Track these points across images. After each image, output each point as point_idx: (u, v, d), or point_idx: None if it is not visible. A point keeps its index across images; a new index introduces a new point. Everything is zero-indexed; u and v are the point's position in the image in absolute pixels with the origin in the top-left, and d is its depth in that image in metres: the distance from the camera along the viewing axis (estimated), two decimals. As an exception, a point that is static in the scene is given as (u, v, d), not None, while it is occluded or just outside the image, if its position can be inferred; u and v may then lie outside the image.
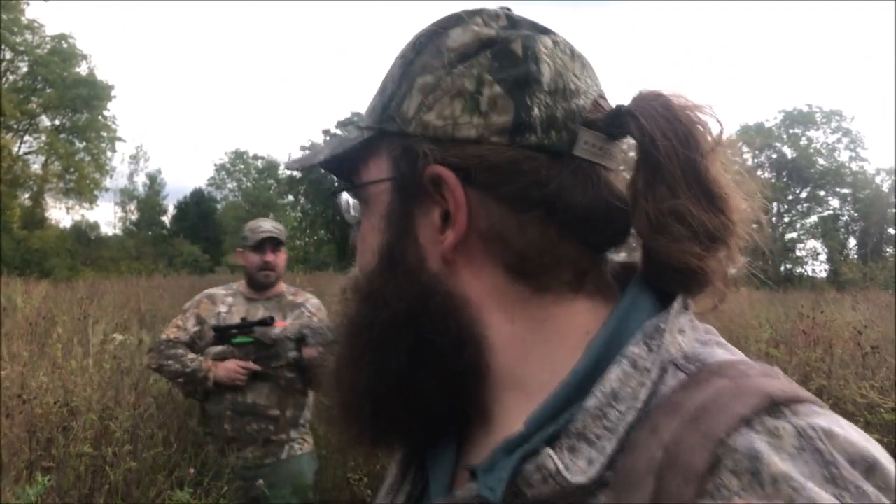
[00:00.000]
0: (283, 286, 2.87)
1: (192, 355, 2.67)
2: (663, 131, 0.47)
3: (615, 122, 0.50)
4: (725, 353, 0.48)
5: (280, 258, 2.81)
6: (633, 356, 0.46)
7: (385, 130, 0.52)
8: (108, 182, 39.07)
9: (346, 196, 0.60)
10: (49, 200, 37.19)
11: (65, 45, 36.37)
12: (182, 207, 44.45)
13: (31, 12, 35.28)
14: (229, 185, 51.92)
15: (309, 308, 2.81)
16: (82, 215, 38.94)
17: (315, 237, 46.04)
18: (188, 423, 3.22)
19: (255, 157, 52.35)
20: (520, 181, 0.49)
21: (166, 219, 45.00)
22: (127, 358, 3.96)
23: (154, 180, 44.59)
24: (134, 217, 43.78)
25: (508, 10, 0.54)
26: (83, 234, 37.66)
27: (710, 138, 0.48)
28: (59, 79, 35.60)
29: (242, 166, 52.28)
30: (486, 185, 0.49)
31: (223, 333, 2.66)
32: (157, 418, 3.22)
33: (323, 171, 0.61)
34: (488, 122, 0.49)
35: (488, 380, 0.51)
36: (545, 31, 0.53)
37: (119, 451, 2.75)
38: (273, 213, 48.79)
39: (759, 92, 74.16)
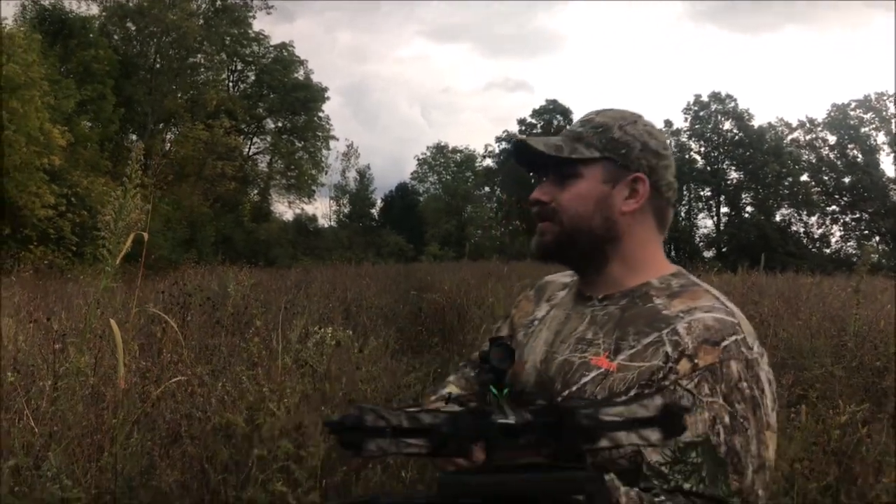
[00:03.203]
0: (649, 272, 1.19)
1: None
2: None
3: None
4: None
5: (571, 192, 1.18)
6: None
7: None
8: (323, 178, 41.82)
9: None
10: (273, 196, 40.62)
11: (285, 53, 39.32)
12: (388, 200, 46.53)
13: (257, 25, 38.42)
14: (430, 179, 53.36)
15: (681, 331, 1.07)
16: (302, 209, 41.90)
17: (510, 227, 45.79)
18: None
19: (454, 151, 53.28)
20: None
21: (375, 211, 47.30)
22: (323, 361, 3.32)
23: (363, 175, 46.97)
24: (346, 210, 46.44)
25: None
26: (303, 226, 40.61)
27: None
28: (281, 84, 38.52)
29: (442, 160, 53.45)
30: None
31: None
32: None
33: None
34: None
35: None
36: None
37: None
38: (470, 204, 49.37)
39: None
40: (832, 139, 42.24)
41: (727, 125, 43.94)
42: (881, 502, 2.40)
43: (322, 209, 59.20)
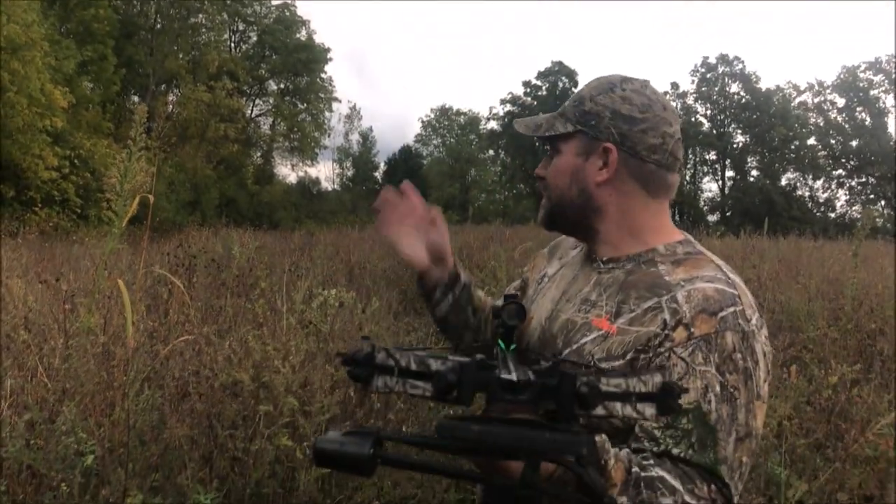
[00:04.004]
0: (651, 238, 1.19)
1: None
2: None
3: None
4: None
5: (553, 168, 1.22)
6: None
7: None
8: (326, 141, 41.62)
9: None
10: (277, 158, 40.48)
11: (287, 14, 38.76)
12: (391, 163, 46.39)
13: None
14: (434, 142, 53.06)
15: (679, 300, 1.06)
16: (305, 171, 41.84)
17: (514, 191, 45.69)
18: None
19: (458, 113, 52.85)
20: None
21: (378, 174, 47.20)
22: (326, 322, 3.39)
23: (366, 138, 46.76)
24: (349, 173, 46.34)
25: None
26: (306, 189, 40.58)
27: None
28: (283, 45, 38.05)
29: (447, 122, 53.07)
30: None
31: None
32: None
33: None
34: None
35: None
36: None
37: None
38: (474, 167, 49.19)
39: None
40: (840, 102, 41.86)
41: (734, 88, 43.46)
42: (865, 456, 2.48)
43: (325, 172, 59.15)
